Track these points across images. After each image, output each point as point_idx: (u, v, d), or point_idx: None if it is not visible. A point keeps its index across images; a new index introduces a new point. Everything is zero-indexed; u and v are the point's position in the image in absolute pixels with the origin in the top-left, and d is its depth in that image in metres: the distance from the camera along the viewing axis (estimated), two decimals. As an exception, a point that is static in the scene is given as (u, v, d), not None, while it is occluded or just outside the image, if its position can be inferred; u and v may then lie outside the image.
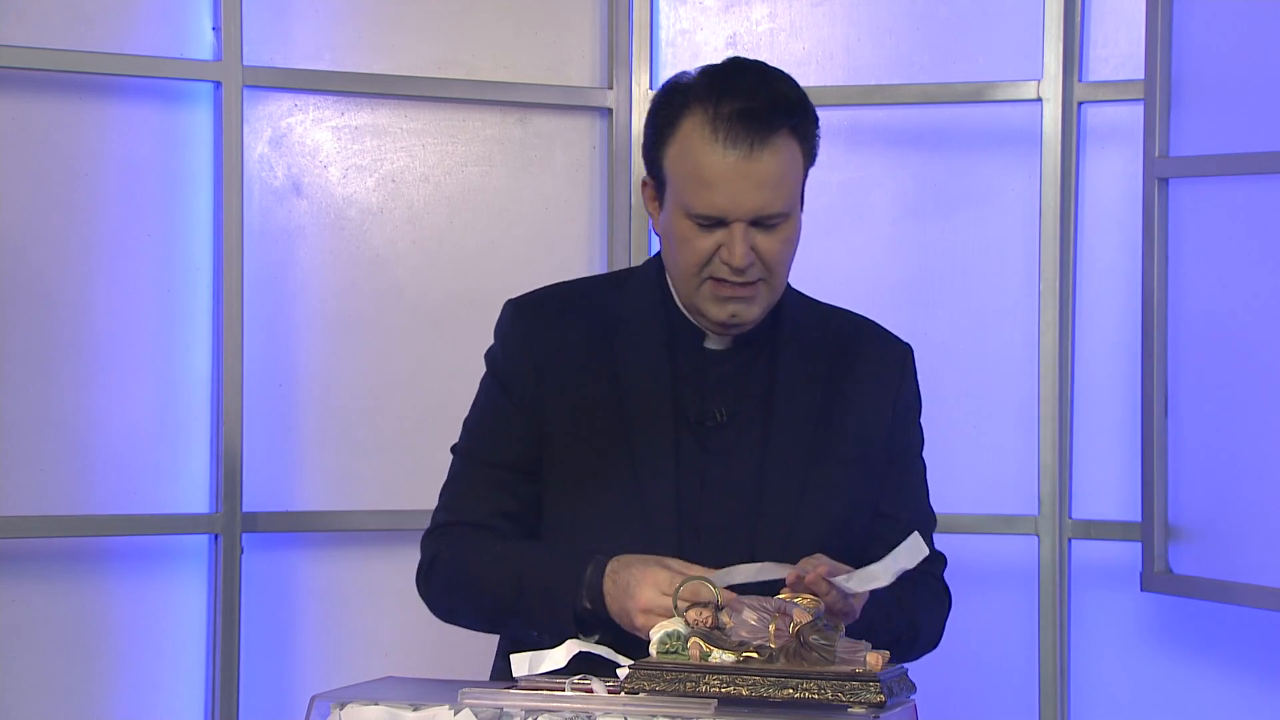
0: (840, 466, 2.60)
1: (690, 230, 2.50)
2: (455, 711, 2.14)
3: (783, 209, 2.49)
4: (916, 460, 2.72)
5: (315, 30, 3.86)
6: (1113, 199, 3.86)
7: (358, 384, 3.88)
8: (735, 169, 2.46)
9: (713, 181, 2.46)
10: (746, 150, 2.46)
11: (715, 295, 2.52)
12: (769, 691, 2.17)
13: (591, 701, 2.16)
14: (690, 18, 4.02)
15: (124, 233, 3.72)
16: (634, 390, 2.58)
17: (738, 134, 2.46)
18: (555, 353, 2.61)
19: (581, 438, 2.59)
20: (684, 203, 2.50)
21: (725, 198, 2.47)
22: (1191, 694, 3.82)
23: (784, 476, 2.58)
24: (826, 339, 2.65)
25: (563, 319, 2.64)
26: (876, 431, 2.64)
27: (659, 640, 2.26)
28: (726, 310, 2.53)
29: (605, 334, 2.62)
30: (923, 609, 2.64)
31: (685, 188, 2.49)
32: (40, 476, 3.65)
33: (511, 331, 2.66)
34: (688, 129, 2.50)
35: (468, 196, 3.96)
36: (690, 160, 2.49)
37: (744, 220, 2.47)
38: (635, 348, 2.61)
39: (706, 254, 2.50)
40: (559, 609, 2.47)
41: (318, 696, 2.20)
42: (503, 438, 2.63)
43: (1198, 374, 3.66)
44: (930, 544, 2.67)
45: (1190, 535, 3.70)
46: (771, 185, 2.47)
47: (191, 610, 3.77)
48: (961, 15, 3.93)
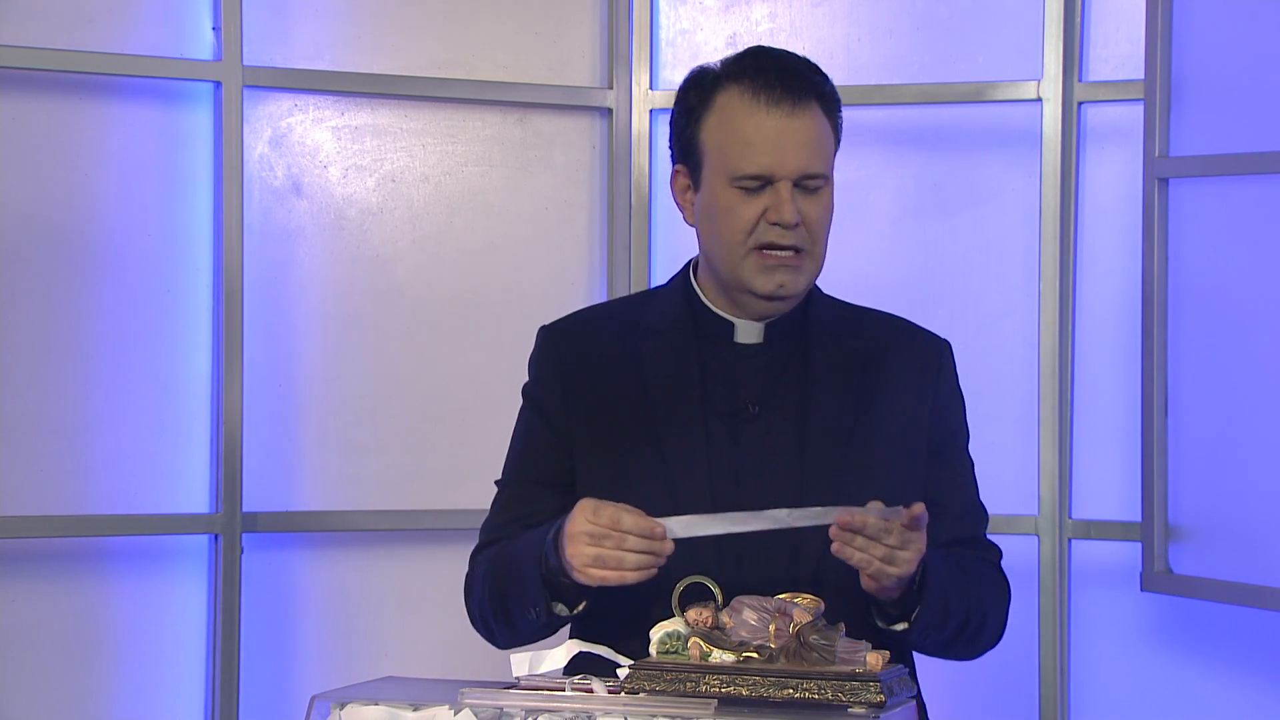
0: (879, 457, 2.59)
1: (735, 198, 2.53)
2: (455, 711, 2.14)
3: (823, 170, 2.54)
4: (963, 451, 2.71)
5: (315, 30, 3.86)
6: (1113, 199, 3.86)
7: (358, 384, 3.88)
8: (779, 127, 2.51)
9: (757, 141, 2.51)
10: (789, 109, 2.52)
11: (762, 265, 2.54)
12: (769, 691, 2.17)
13: (591, 701, 2.16)
14: (690, 18, 4.02)
15: (124, 233, 3.72)
16: (660, 387, 2.60)
17: (779, 95, 2.52)
18: (584, 369, 2.64)
19: (611, 441, 2.60)
20: (728, 169, 2.53)
21: (771, 155, 2.51)
22: (1191, 694, 3.82)
23: (822, 468, 2.57)
24: (860, 334, 2.66)
25: (592, 337, 2.67)
26: (915, 424, 2.63)
27: (659, 640, 2.26)
28: (774, 280, 2.54)
29: (633, 344, 2.63)
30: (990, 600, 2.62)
31: (729, 153, 2.53)
32: (40, 476, 3.65)
33: (541, 356, 2.69)
34: (724, 100, 2.55)
35: (468, 196, 3.96)
36: (732, 125, 2.53)
37: (789, 178, 2.51)
38: (662, 349, 2.62)
39: (753, 220, 2.53)
40: (529, 573, 2.48)
41: (318, 696, 2.20)
42: (534, 455, 2.66)
43: (1198, 374, 3.66)
44: (985, 533, 2.70)
45: (1190, 535, 3.70)
46: (812, 145, 2.53)
47: (191, 610, 3.77)
48: (961, 15, 3.94)
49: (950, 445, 2.68)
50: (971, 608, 2.57)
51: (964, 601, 2.55)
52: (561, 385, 2.64)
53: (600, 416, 2.61)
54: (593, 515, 2.40)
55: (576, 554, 2.40)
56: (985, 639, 2.65)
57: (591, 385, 2.63)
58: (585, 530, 2.40)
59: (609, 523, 2.39)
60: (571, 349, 2.66)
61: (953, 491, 2.66)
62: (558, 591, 2.48)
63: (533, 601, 2.50)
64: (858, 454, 2.58)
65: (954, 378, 2.71)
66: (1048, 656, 3.84)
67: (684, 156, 2.60)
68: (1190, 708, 3.81)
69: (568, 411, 2.63)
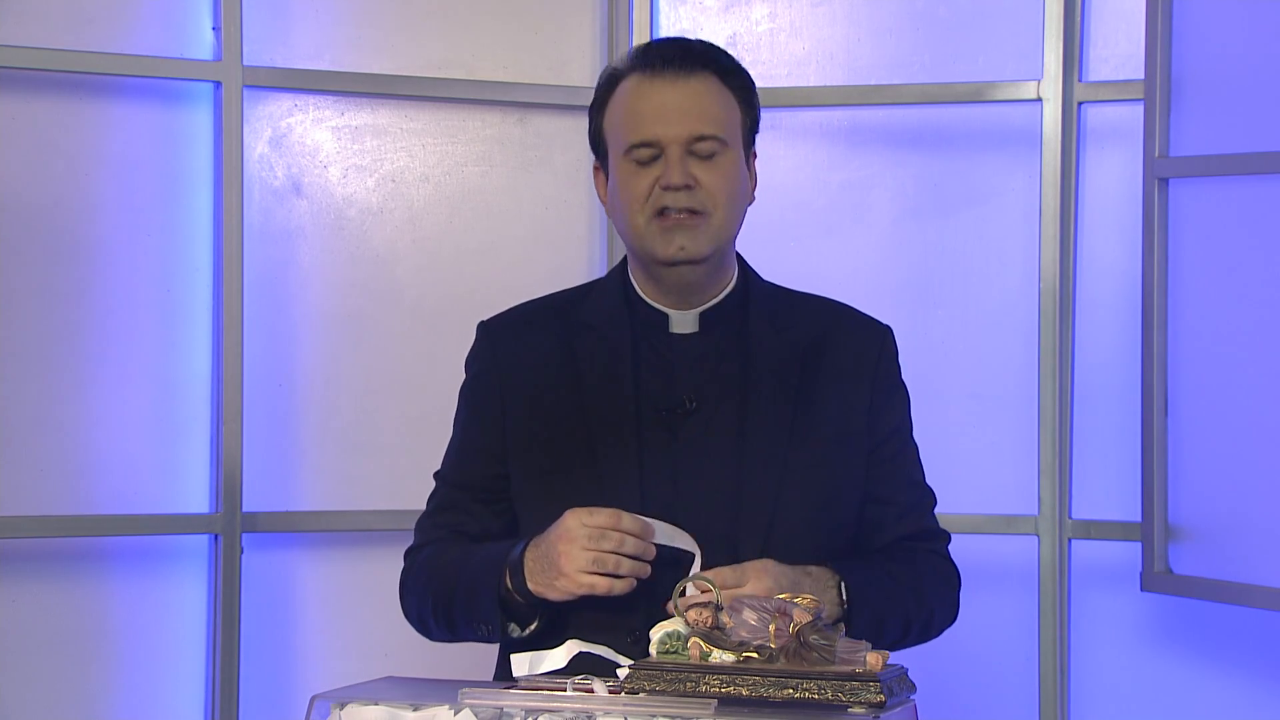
0: (821, 449, 2.59)
1: (630, 170, 2.57)
2: (455, 712, 2.14)
3: (713, 132, 2.56)
4: (907, 441, 2.70)
5: (315, 30, 3.87)
6: (1113, 199, 3.86)
7: (358, 384, 3.88)
8: (664, 95, 2.56)
9: (642, 110, 2.56)
10: (673, 77, 2.57)
11: (661, 229, 2.56)
12: (769, 691, 2.17)
13: (592, 701, 2.16)
14: (690, 18, 4.02)
15: (124, 233, 3.72)
16: (594, 386, 2.60)
17: (663, 66, 2.57)
18: (521, 367, 2.65)
19: (544, 443, 2.60)
20: (622, 144, 2.57)
21: (656, 121, 2.55)
22: (1191, 694, 3.82)
23: (763, 462, 2.57)
24: (800, 322, 2.65)
25: (529, 333, 2.67)
26: (856, 413, 2.62)
27: (659, 640, 2.26)
28: (674, 244, 2.56)
29: (571, 340, 2.64)
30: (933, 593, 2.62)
31: (621, 130, 2.58)
32: (40, 476, 3.65)
33: (478, 353, 2.71)
34: (621, 90, 2.61)
35: (468, 196, 3.96)
36: (623, 106, 2.59)
37: (677, 143, 2.54)
38: (597, 345, 2.63)
39: (647, 188, 2.56)
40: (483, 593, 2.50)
41: (318, 696, 2.20)
42: (467, 461, 2.68)
43: (1198, 374, 3.66)
44: (933, 520, 2.70)
45: (1190, 535, 3.70)
46: (700, 109, 2.56)
47: (191, 610, 3.77)
48: (961, 15, 3.94)
49: (894, 435, 2.67)
50: (911, 610, 2.58)
51: (900, 608, 2.56)
52: (499, 383, 2.65)
53: (535, 415, 2.61)
54: (589, 517, 2.41)
55: (570, 558, 2.40)
56: (935, 628, 2.65)
57: (527, 382, 2.63)
58: (582, 532, 2.40)
59: (608, 521, 2.40)
60: (508, 345, 2.67)
61: (895, 486, 2.66)
62: (511, 611, 2.50)
63: (485, 619, 2.52)
64: (797, 453, 2.58)
65: (895, 365, 2.70)
66: (1048, 656, 3.84)
67: (596, 150, 2.66)
68: (1190, 708, 3.82)
69: (504, 410, 2.64)
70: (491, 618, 2.51)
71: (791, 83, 3.98)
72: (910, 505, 2.66)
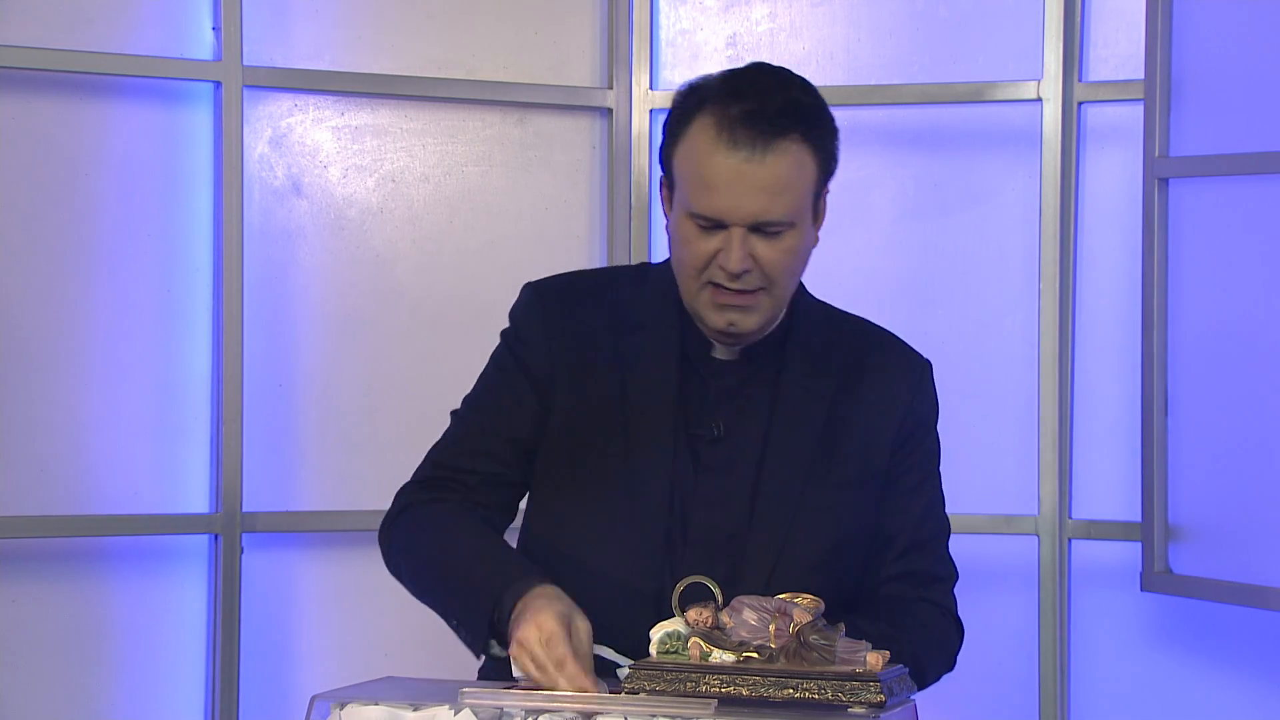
0: (838, 492, 2.54)
1: (692, 231, 2.46)
2: (455, 711, 2.14)
3: (784, 217, 2.44)
4: (927, 476, 2.63)
5: (315, 30, 3.86)
6: (1113, 199, 3.86)
7: (358, 384, 3.88)
8: (736, 171, 2.41)
9: (713, 183, 2.42)
10: (749, 152, 2.41)
11: (714, 302, 2.48)
12: (769, 691, 2.17)
13: (592, 701, 2.16)
14: (690, 18, 4.02)
15: (124, 233, 3.72)
16: (639, 393, 2.54)
17: (741, 136, 2.41)
18: (570, 341, 2.57)
19: (580, 432, 2.55)
20: (687, 202, 2.45)
21: (724, 200, 2.42)
22: (1191, 694, 3.82)
23: (777, 499, 2.52)
24: (838, 352, 2.59)
25: (580, 308, 2.59)
26: (879, 454, 2.57)
27: (659, 640, 2.26)
28: (725, 318, 2.48)
29: (619, 330, 2.57)
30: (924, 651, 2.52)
31: (689, 188, 2.45)
32: (40, 476, 3.65)
33: (528, 315, 2.61)
34: (696, 129, 2.45)
35: (468, 196, 3.96)
36: (694, 160, 2.44)
37: (742, 225, 2.42)
38: (646, 350, 2.56)
39: (706, 257, 2.45)
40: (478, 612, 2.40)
41: (318, 696, 2.20)
42: (508, 410, 2.58)
43: (1198, 374, 3.66)
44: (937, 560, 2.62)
45: (1190, 535, 3.70)
46: (773, 191, 2.42)
47: (191, 610, 3.77)
48: (961, 15, 3.94)
49: (913, 472, 2.61)
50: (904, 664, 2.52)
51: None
52: (548, 352, 2.57)
53: (578, 406, 2.55)
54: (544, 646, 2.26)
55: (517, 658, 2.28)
56: (928, 680, 2.55)
57: (576, 367, 2.56)
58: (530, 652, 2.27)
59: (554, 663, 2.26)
60: (560, 316, 2.59)
61: (903, 523, 2.59)
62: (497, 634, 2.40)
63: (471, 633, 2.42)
64: (813, 494, 2.53)
65: (929, 403, 2.64)
66: (1048, 656, 3.84)
67: (665, 172, 2.54)
68: (1190, 708, 3.82)
69: (552, 381, 2.56)
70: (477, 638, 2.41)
71: (791, 83, 3.98)
72: (913, 544, 2.59)
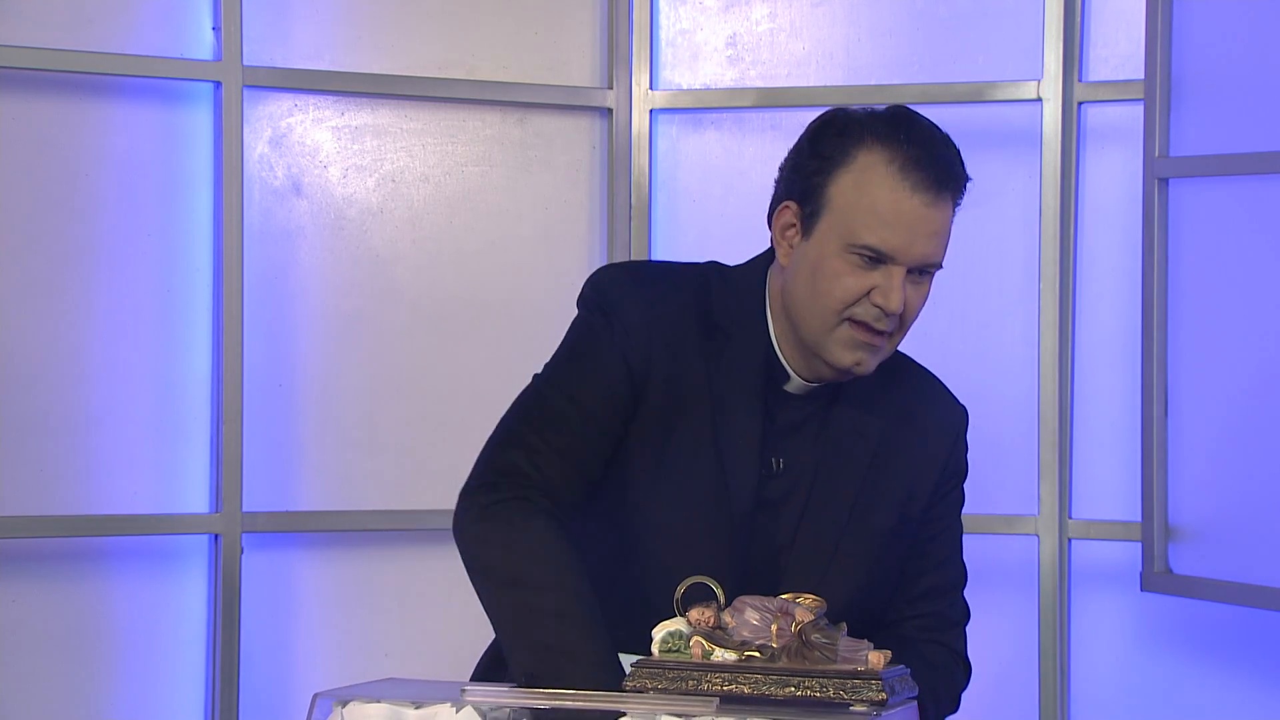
0: (875, 542, 2.54)
1: (845, 266, 2.42)
2: (457, 709, 2.14)
3: (940, 261, 2.46)
4: (951, 526, 2.64)
5: (315, 30, 3.86)
6: (1113, 199, 3.86)
7: (358, 384, 3.88)
8: (917, 213, 2.40)
9: (892, 219, 2.40)
10: (932, 197, 2.41)
11: (850, 339, 2.45)
12: (771, 689, 2.17)
13: (594, 699, 2.16)
14: (690, 18, 4.02)
15: (124, 233, 3.72)
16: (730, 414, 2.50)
17: (926, 181, 2.41)
18: (666, 330, 2.50)
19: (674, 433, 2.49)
20: (850, 233, 2.42)
21: (901, 238, 2.40)
22: (1191, 694, 3.82)
23: (816, 542, 2.52)
24: (887, 397, 2.57)
25: (673, 299, 2.52)
26: (918, 501, 2.58)
27: (661, 639, 2.26)
28: (855, 356, 2.46)
29: (706, 337, 2.52)
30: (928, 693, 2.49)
31: (857, 219, 2.42)
32: (40, 476, 3.65)
33: (624, 298, 2.52)
34: (868, 161, 2.42)
35: (468, 196, 3.96)
36: (869, 192, 2.41)
37: (908, 265, 2.42)
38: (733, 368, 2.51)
39: (857, 293, 2.43)
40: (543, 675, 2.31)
41: (320, 694, 2.20)
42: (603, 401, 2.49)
43: (1198, 374, 3.66)
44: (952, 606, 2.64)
45: (1190, 535, 3.70)
46: (940, 236, 2.43)
47: (191, 610, 3.77)
48: (961, 15, 3.94)
49: (940, 520, 2.62)
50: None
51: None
52: (647, 338, 2.49)
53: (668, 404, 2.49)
54: None
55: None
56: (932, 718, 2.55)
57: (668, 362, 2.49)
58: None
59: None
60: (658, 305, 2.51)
61: (923, 567, 2.60)
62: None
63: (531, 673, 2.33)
64: (850, 544, 2.52)
65: (964, 452, 2.65)
66: (1048, 656, 3.84)
67: (802, 198, 2.47)
68: (1190, 708, 3.82)
69: (648, 371, 2.49)
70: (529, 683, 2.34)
71: (791, 83, 3.98)
72: (928, 590, 2.61)
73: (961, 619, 2.66)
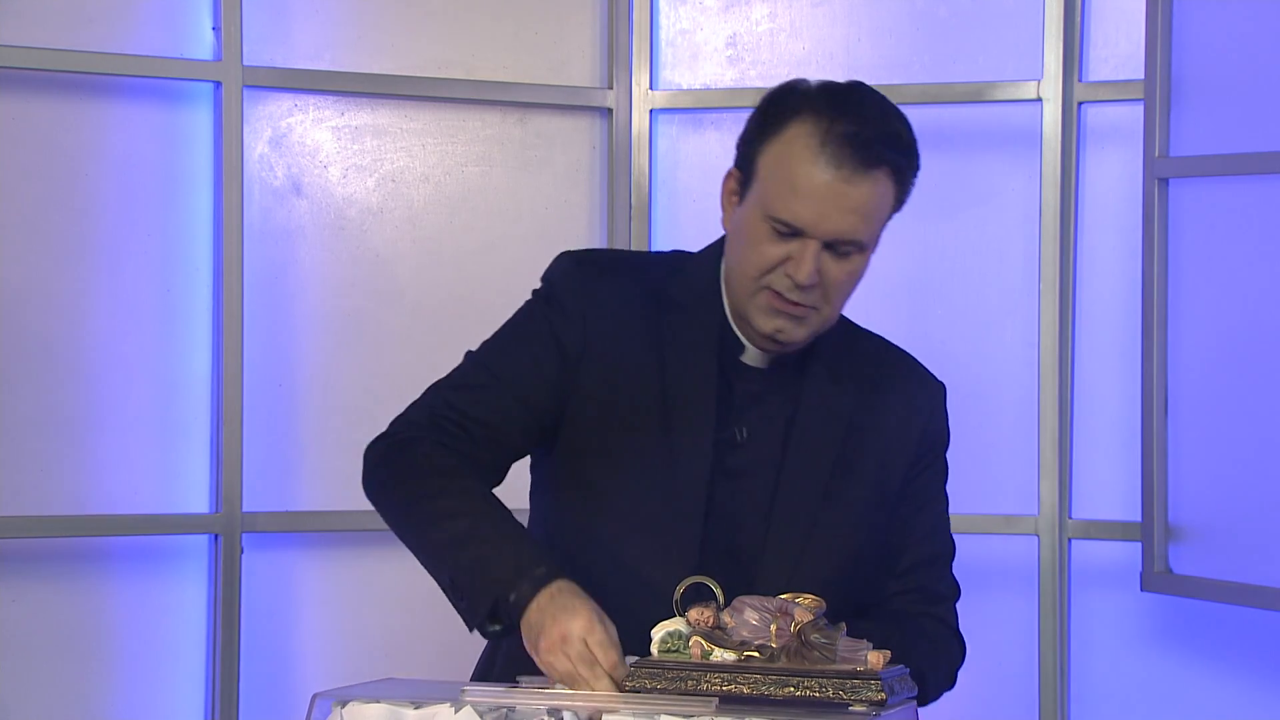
0: (852, 511, 2.55)
1: (764, 234, 2.46)
2: (457, 709, 2.14)
3: (861, 239, 2.46)
4: (935, 498, 2.65)
5: (315, 30, 3.87)
6: (1113, 199, 3.86)
7: (358, 384, 3.88)
8: (829, 188, 2.42)
9: (804, 192, 2.42)
10: (849, 173, 2.42)
11: (768, 306, 2.48)
12: (770, 689, 2.17)
13: (594, 698, 2.16)
14: (690, 18, 4.02)
15: (124, 233, 3.72)
16: (678, 382, 2.53)
17: (843, 155, 2.42)
18: (608, 314, 2.55)
19: (616, 412, 2.53)
20: (768, 205, 2.45)
21: (811, 211, 2.43)
22: (1191, 694, 3.82)
23: (794, 511, 2.53)
24: (859, 369, 2.60)
25: (619, 281, 2.58)
26: (895, 473, 2.59)
27: (660, 639, 2.26)
28: (773, 324, 2.49)
29: (658, 308, 2.56)
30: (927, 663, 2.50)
31: (775, 190, 2.45)
32: (40, 476, 3.65)
33: (566, 283, 2.58)
34: (794, 133, 2.45)
35: (468, 196, 3.96)
36: (787, 165, 2.44)
37: (820, 239, 2.44)
38: (685, 335, 2.55)
39: (772, 262, 2.46)
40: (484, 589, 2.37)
41: (319, 695, 2.20)
42: (528, 369, 2.56)
43: (1198, 374, 3.66)
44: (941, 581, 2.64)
45: (1190, 535, 3.70)
46: (858, 213, 2.44)
47: (191, 610, 3.77)
48: (961, 15, 3.94)
49: (923, 493, 2.63)
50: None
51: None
52: (584, 321, 2.55)
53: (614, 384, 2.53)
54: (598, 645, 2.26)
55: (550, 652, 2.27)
56: (929, 693, 2.53)
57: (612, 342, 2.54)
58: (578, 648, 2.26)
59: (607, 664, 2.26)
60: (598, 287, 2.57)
61: (911, 540, 2.61)
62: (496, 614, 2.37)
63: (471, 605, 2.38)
64: (828, 512, 2.54)
65: (943, 427, 2.65)
66: (1048, 656, 3.84)
67: (741, 165, 2.52)
68: (1190, 708, 3.82)
69: (584, 350, 2.54)
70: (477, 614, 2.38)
71: (791, 83, 3.98)
72: (917, 562, 2.61)
73: (951, 594, 2.66)
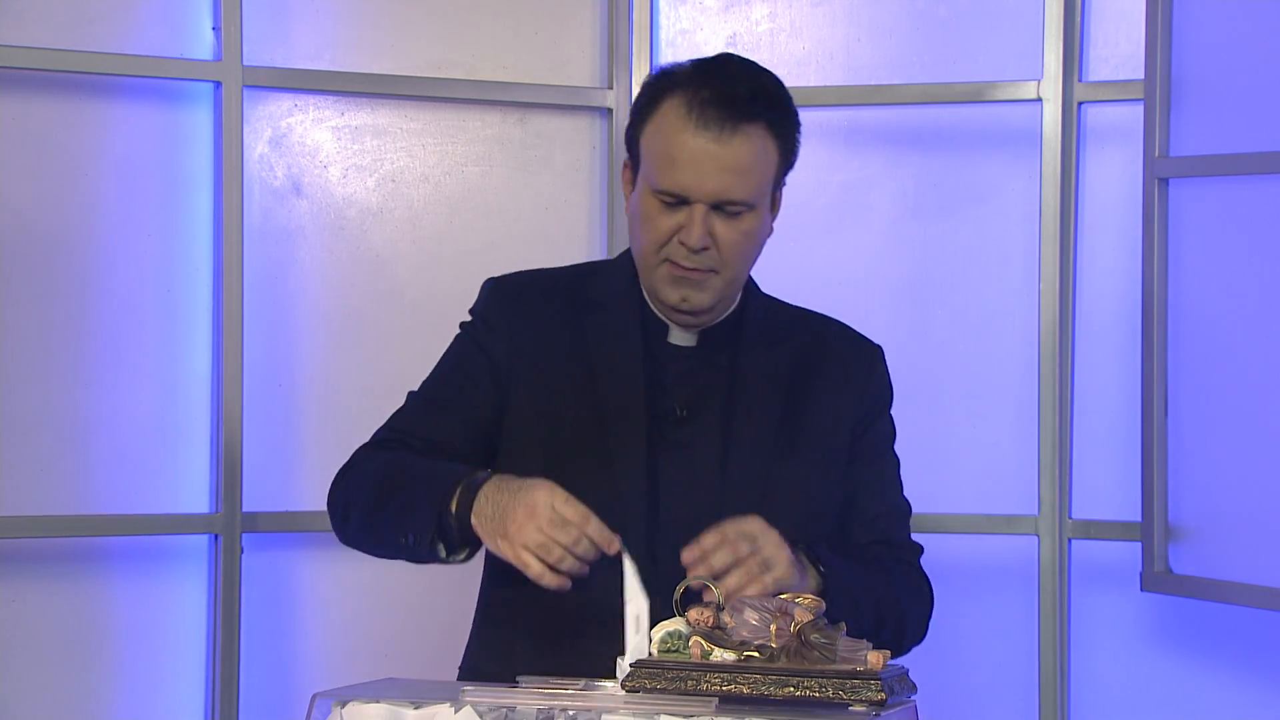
0: (804, 465, 2.61)
1: (654, 208, 2.55)
2: (457, 709, 2.14)
3: (745, 198, 2.53)
4: (885, 455, 2.72)
5: (315, 30, 3.87)
6: (1113, 199, 3.86)
7: (358, 384, 3.88)
8: (703, 150, 2.51)
9: (680, 160, 2.51)
10: (717, 133, 2.51)
11: (670, 276, 2.56)
12: (770, 690, 2.17)
13: (594, 699, 2.16)
14: (690, 18, 4.02)
15: (124, 233, 3.72)
16: (607, 372, 2.61)
17: (710, 117, 2.51)
18: (532, 333, 2.64)
19: (551, 413, 2.61)
20: (651, 179, 2.54)
21: (689, 176, 2.51)
22: (1191, 694, 3.82)
23: (745, 476, 2.59)
24: (793, 339, 2.67)
25: (540, 302, 2.67)
26: (841, 431, 2.66)
27: (660, 639, 2.26)
28: (678, 293, 2.57)
29: (579, 311, 2.65)
30: (906, 597, 2.63)
31: (654, 164, 2.54)
32: (40, 476, 3.65)
33: (487, 309, 2.70)
34: (666, 109, 2.55)
35: (468, 196, 3.96)
36: (662, 138, 2.54)
37: (705, 202, 2.52)
38: (609, 330, 2.64)
39: (666, 234, 2.55)
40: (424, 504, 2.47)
41: (319, 695, 2.21)
42: (467, 389, 2.65)
43: (1198, 374, 3.66)
44: (903, 532, 2.71)
45: (1190, 535, 3.70)
46: (736, 171, 2.52)
47: (191, 610, 3.77)
48: (961, 15, 3.94)
49: (873, 449, 2.69)
50: (883, 600, 2.57)
51: (872, 595, 2.55)
52: (510, 344, 2.64)
53: (546, 392, 2.61)
54: (563, 504, 2.37)
55: (521, 530, 2.36)
56: (909, 633, 2.64)
57: (539, 356, 2.63)
58: (547, 514, 2.36)
59: (577, 518, 2.36)
60: (521, 310, 2.66)
61: (870, 496, 2.68)
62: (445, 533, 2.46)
63: (415, 529, 2.47)
64: (779, 468, 2.60)
65: (884, 382, 2.72)
66: (1048, 656, 3.84)
67: (630, 151, 2.63)
68: (1190, 708, 3.82)
69: (512, 372, 2.63)
70: (423, 530, 2.46)
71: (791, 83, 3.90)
72: (878, 515, 2.68)
73: (915, 548, 2.73)
